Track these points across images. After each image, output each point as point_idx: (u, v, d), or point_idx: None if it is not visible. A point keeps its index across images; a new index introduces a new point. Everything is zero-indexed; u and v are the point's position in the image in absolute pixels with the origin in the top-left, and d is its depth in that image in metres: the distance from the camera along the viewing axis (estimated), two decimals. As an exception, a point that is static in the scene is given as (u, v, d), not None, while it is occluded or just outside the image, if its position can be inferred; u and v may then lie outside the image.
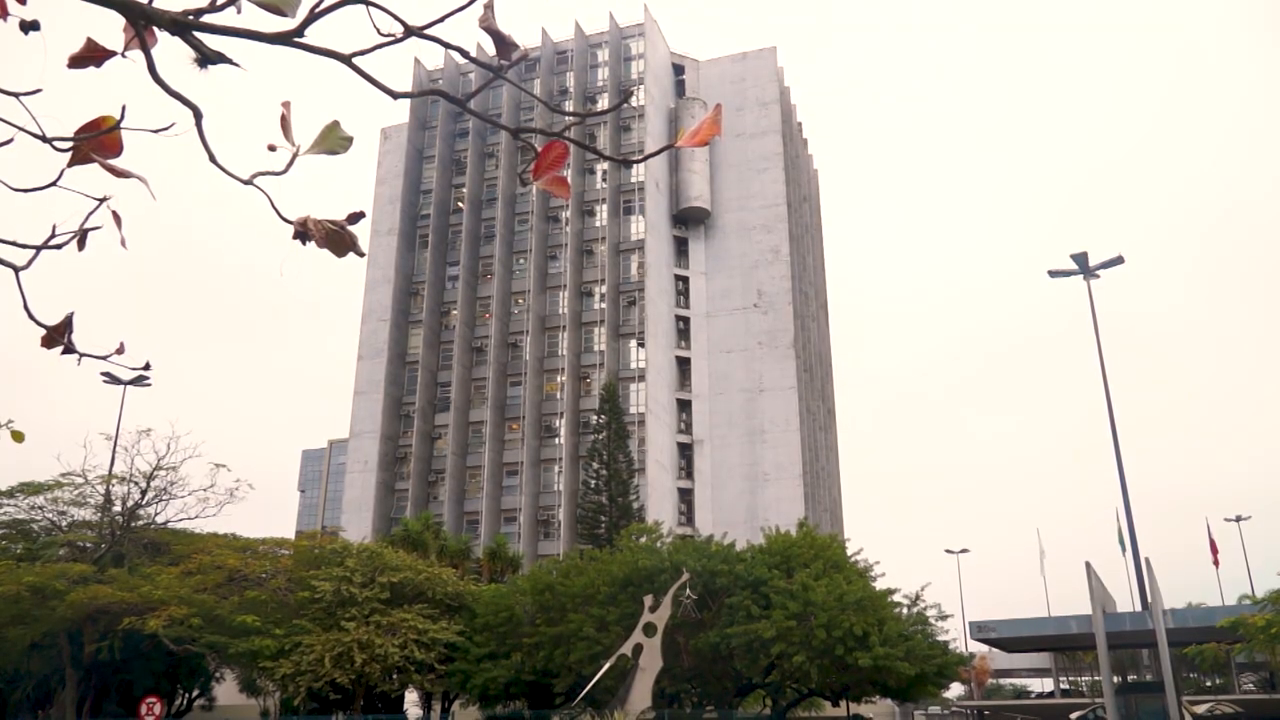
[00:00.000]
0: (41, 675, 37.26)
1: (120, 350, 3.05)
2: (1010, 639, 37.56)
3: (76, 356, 2.93)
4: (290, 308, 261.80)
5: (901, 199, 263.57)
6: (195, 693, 45.35)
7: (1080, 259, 40.43)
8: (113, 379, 40.45)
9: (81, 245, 2.83)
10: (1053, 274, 41.45)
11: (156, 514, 37.68)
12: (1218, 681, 72.83)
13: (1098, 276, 40.60)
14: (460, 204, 79.56)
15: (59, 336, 2.86)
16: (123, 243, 2.79)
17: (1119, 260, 40.05)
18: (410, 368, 75.29)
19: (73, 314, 2.90)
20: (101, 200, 2.74)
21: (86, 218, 2.76)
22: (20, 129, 2.62)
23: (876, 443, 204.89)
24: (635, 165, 76.12)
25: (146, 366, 3.18)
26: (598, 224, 76.03)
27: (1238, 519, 71.12)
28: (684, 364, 74.91)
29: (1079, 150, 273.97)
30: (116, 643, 33.71)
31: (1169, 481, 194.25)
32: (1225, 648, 50.42)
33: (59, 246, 2.82)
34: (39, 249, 2.84)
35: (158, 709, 27.27)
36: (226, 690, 44.93)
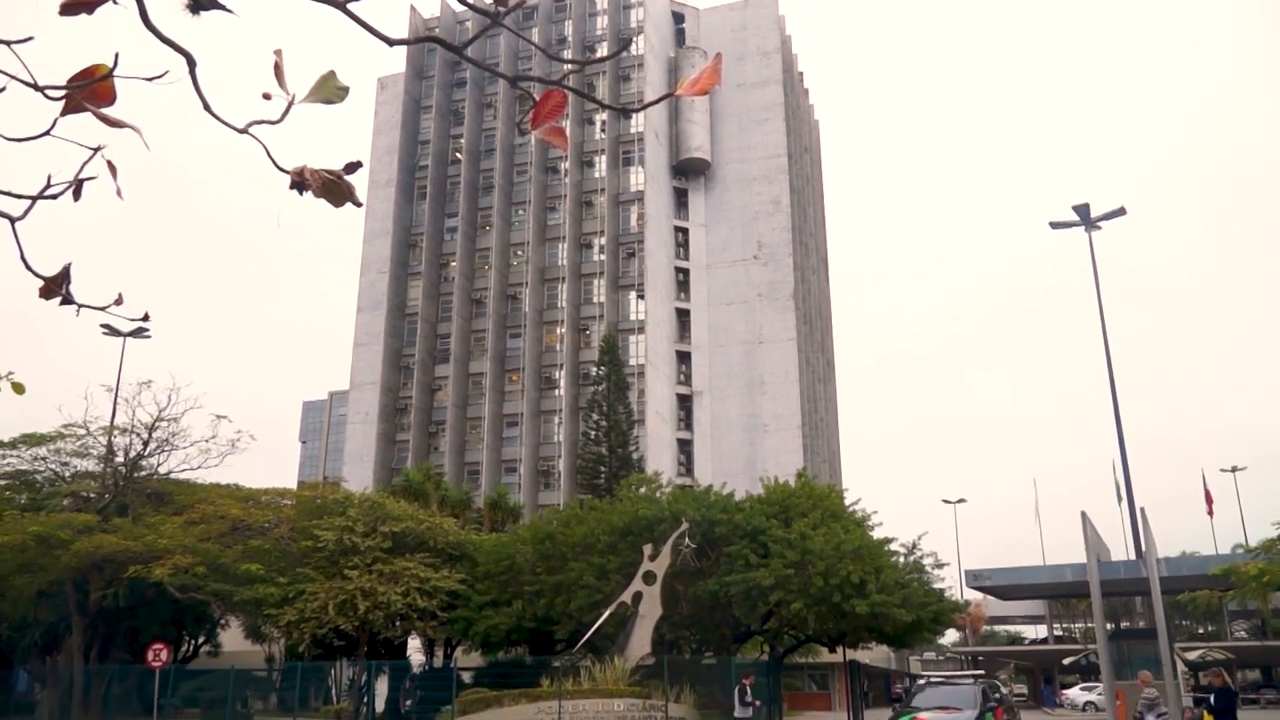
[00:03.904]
0: (49, 622, 37.77)
1: (119, 301, 3.05)
2: (1005, 587, 37.98)
3: (75, 307, 2.93)
4: (289, 259, 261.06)
5: (903, 150, 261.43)
6: (201, 639, 46.02)
7: (1082, 210, 40.22)
8: (112, 331, 40.44)
9: (77, 195, 2.81)
10: (1054, 225, 41.25)
11: (159, 465, 37.90)
12: (1210, 629, 73.97)
13: (1099, 228, 40.41)
14: (458, 155, 78.93)
15: (57, 287, 2.86)
16: (118, 193, 2.78)
17: (1121, 211, 39.85)
18: (410, 319, 75.26)
19: (70, 265, 2.90)
20: (96, 150, 2.72)
21: (81, 167, 2.74)
22: (12, 77, 2.60)
23: (876, 395, 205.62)
24: (635, 116, 75.33)
25: (145, 317, 3.18)
26: (597, 175, 75.53)
27: (1233, 469, 71.61)
28: (683, 316, 74.88)
29: (1081, 100, 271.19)
30: (122, 590, 34.11)
31: (1167, 434, 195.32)
32: (1218, 595, 51.16)
33: (54, 197, 2.81)
34: (35, 199, 2.82)
35: (164, 655, 27.65)
36: (232, 636, 45.59)
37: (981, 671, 23.48)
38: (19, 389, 3.94)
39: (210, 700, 33.33)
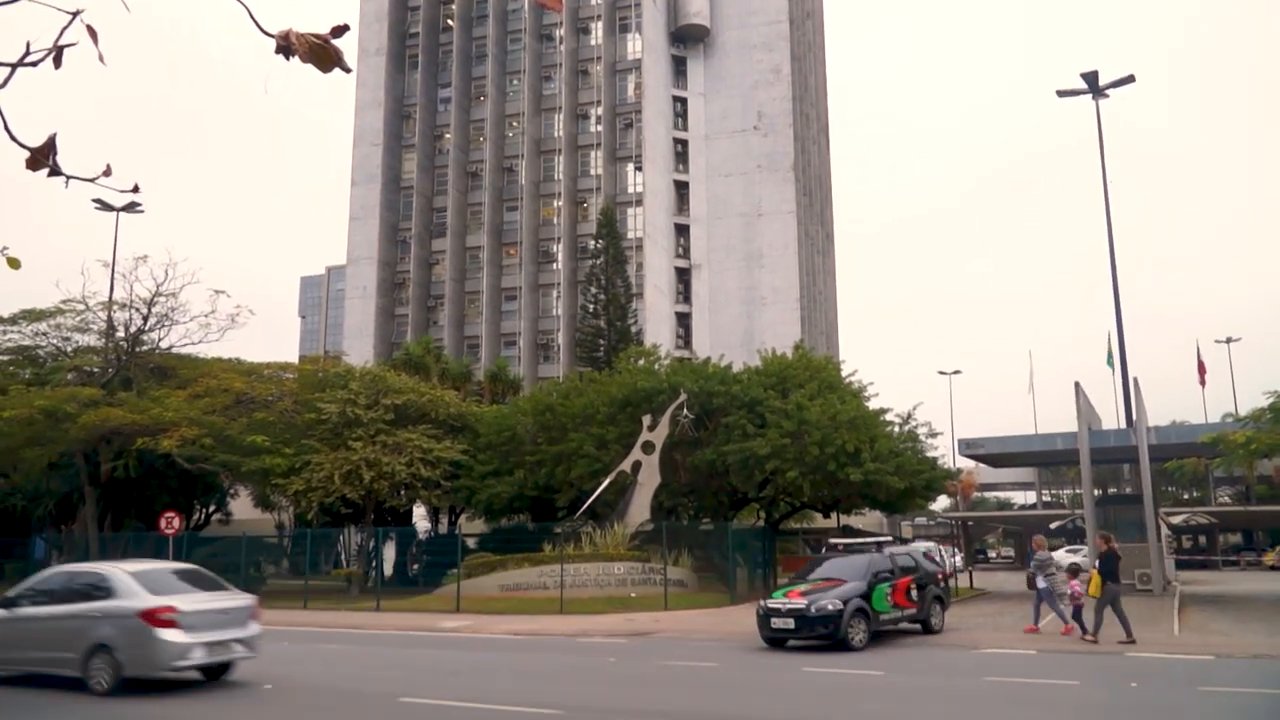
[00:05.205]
0: (62, 493, 38.68)
1: (107, 172, 3.03)
2: (997, 455, 38.70)
3: (64, 179, 2.92)
4: (282, 132, 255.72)
5: (908, 14, 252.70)
6: (212, 508, 47.27)
7: (1090, 78, 39.23)
8: (104, 205, 39.97)
9: (58, 63, 2.77)
10: (1061, 94, 40.32)
11: (160, 339, 38.09)
12: (1195, 495, 75.78)
13: (1107, 96, 39.50)
14: (450, 21, 76.36)
15: (43, 158, 2.84)
16: (100, 58, 2.73)
17: (1130, 79, 38.88)
18: (405, 193, 74.30)
19: (55, 135, 2.87)
20: (75, 14, 2.66)
21: (61, 32, 2.68)
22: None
23: (875, 265, 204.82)
24: (632, -24, 72.52)
25: (135, 189, 3.16)
26: (593, 42, 73.27)
27: (1228, 340, 72.01)
28: (682, 188, 73.92)
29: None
30: (132, 462, 34.81)
31: (1164, 307, 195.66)
32: (1205, 463, 52.23)
33: (34, 64, 2.76)
34: (14, 66, 2.78)
35: (176, 523, 28.44)
36: (242, 505, 46.77)
37: (890, 537, 22.77)
38: (14, 264, 3.95)
39: (223, 565, 34.32)
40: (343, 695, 12.70)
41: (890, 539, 22.82)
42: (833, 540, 23.80)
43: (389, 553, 37.14)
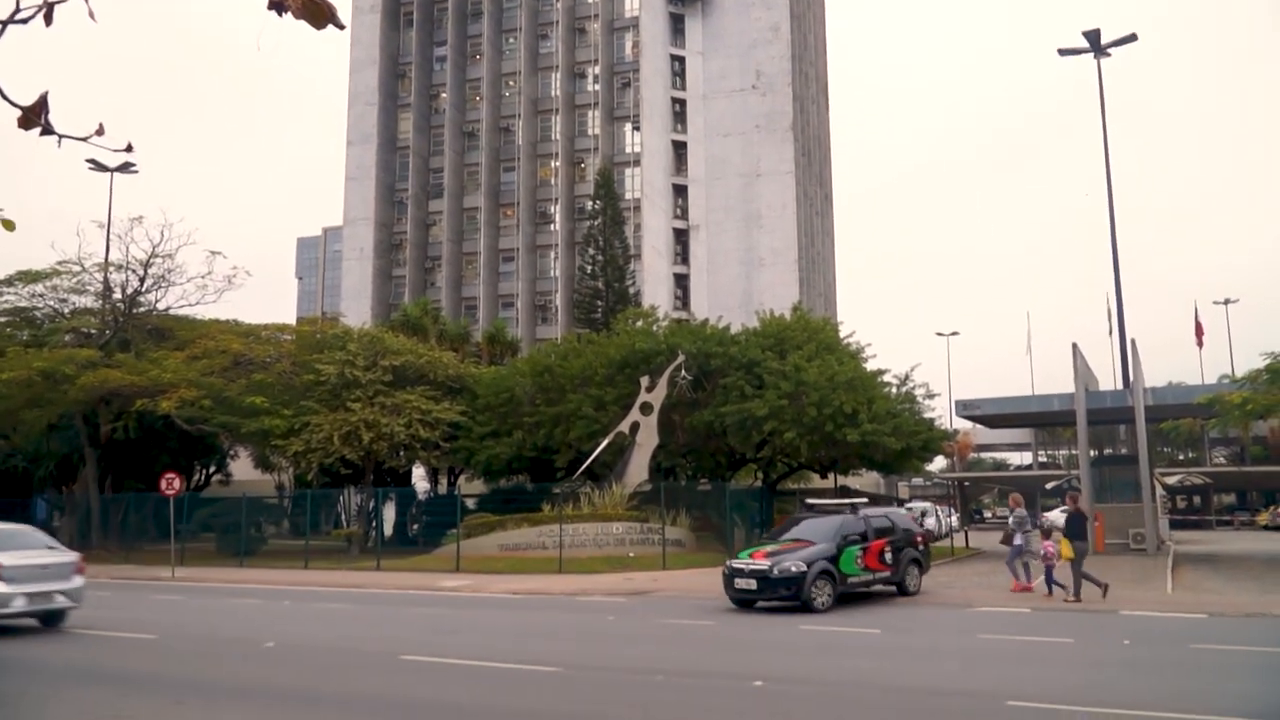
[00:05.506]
0: (62, 454, 38.82)
1: (100, 131, 3.01)
2: (994, 416, 38.87)
3: (56, 138, 2.90)
4: (277, 92, 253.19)
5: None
6: (212, 469, 47.49)
7: (1092, 36, 38.84)
8: (98, 166, 39.72)
9: (49, 20, 2.74)
10: (1062, 52, 39.96)
11: (157, 301, 38.02)
12: (1190, 455, 76.16)
13: (1109, 55, 39.17)
14: (445, -24, 75.35)
15: (35, 117, 2.82)
16: (91, 15, 2.70)
17: (1132, 38, 38.50)
18: (401, 153, 73.78)
19: (47, 93, 2.85)
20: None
21: (51, -13, 2.65)
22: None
23: (873, 226, 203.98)
24: (629, -68, 71.47)
25: (129, 148, 3.13)
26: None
27: (1226, 302, 72.05)
28: (680, 148, 73.39)
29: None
30: (131, 423, 34.90)
31: (1163, 269, 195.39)
32: (1200, 424, 52.41)
33: (25, 21, 2.73)
34: (5, 24, 2.75)
35: (177, 483, 28.54)
36: (242, 466, 46.97)
37: (865, 499, 22.31)
38: (9, 225, 3.92)
39: (224, 526, 34.63)
40: (344, 653, 12.85)
41: (866, 500, 22.47)
42: (809, 501, 23.70)
43: (389, 513, 37.36)
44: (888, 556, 18.59)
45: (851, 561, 17.74)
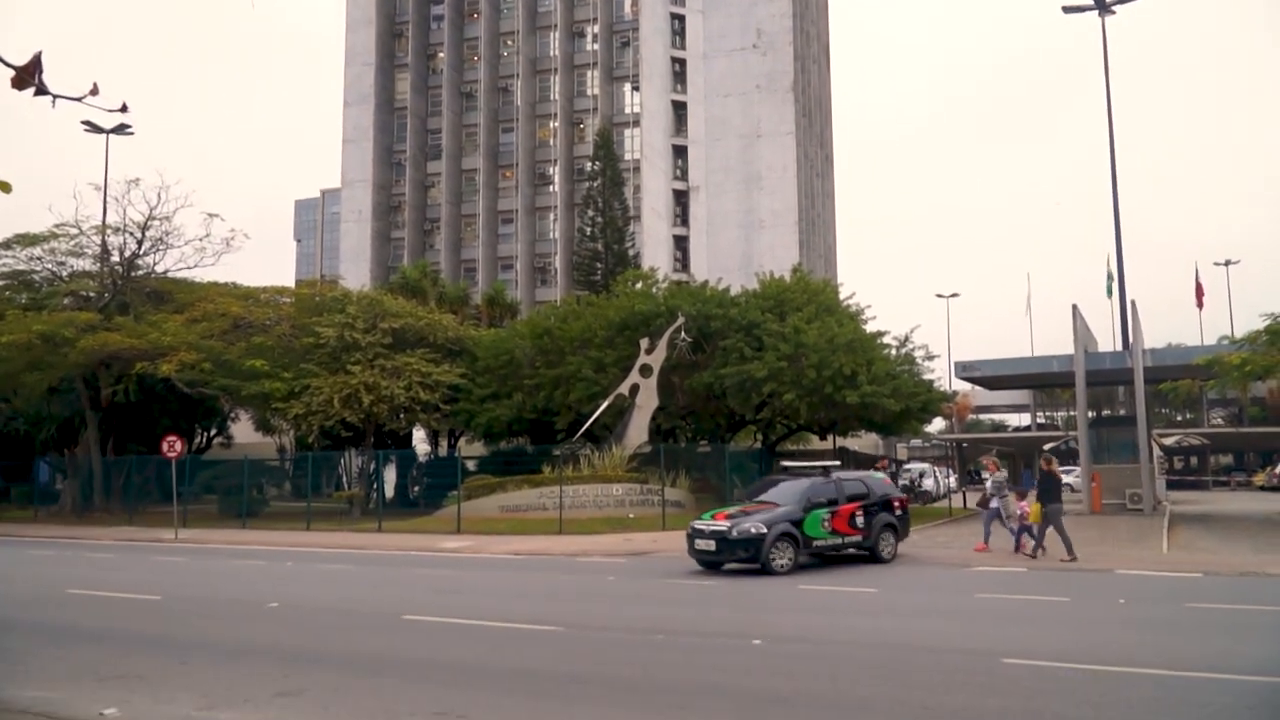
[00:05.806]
0: (63, 417, 38.91)
1: (94, 91, 2.99)
2: (993, 377, 38.85)
3: (50, 98, 2.88)
4: (273, 52, 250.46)
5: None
6: (213, 432, 47.63)
7: (1097, -9, 38.34)
8: (94, 127, 39.38)
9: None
10: (1067, 9, 39.46)
11: (155, 264, 37.89)
12: (1188, 416, 76.39)
13: (1113, 12, 38.68)
14: (441, -67, 74.24)
15: (29, 77, 2.80)
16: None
17: (1138, -8, 38.06)
18: (399, 114, 73.18)
19: (41, 53, 2.82)
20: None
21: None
22: None
23: (873, 187, 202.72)
24: (628, -113, 70.31)
25: (123, 108, 3.12)
26: (589, -45, 71.41)
27: (1226, 263, 71.82)
28: (680, 108, 72.75)
29: None
30: (132, 386, 34.93)
31: (1164, 229, 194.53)
32: (1199, 385, 52.51)
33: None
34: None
35: (178, 446, 28.62)
36: (243, 429, 47.11)
37: (837, 463, 22.14)
38: (6, 187, 3.90)
39: (226, 488, 34.81)
40: (346, 613, 12.98)
41: (839, 464, 22.26)
42: (784, 464, 23.62)
43: (390, 475, 37.54)
44: (859, 520, 18.10)
45: (817, 525, 17.45)
